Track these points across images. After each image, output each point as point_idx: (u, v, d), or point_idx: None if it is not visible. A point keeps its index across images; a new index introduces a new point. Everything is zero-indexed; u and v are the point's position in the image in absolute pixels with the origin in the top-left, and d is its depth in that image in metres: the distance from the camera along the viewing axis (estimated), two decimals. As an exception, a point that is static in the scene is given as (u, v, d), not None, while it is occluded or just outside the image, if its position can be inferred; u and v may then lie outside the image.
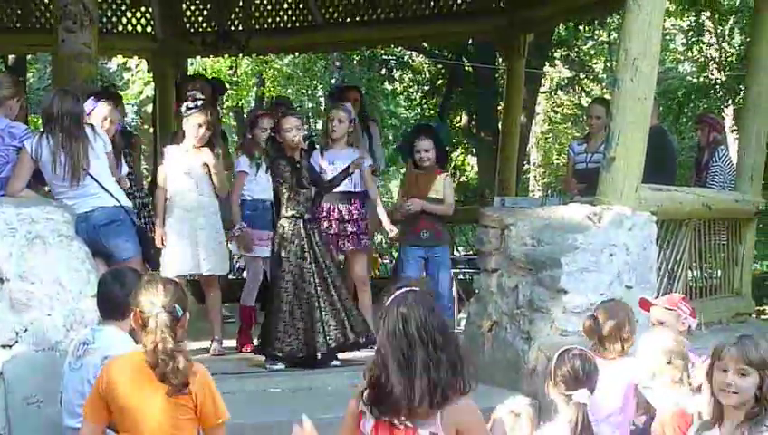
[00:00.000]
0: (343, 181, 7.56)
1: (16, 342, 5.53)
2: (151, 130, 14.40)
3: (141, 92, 21.39)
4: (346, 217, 7.80)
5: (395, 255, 12.49)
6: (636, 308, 5.52)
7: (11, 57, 16.38)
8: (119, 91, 12.05)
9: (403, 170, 24.33)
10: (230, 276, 10.15)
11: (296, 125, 7.18)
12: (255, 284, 7.93)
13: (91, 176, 6.19)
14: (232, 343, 7.76)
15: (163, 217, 7.38)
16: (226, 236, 7.73)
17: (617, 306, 5.28)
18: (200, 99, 7.41)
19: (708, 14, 21.82)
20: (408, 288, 3.59)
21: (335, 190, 7.65)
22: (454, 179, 24.66)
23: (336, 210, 7.73)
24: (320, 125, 8.02)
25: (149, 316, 3.94)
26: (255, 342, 7.44)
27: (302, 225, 7.06)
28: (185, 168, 7.37)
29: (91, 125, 6.39)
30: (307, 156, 7.54)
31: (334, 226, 7.71)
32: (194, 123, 7.34)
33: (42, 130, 6.30)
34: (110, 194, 6.28)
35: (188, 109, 7.36)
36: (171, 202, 7.37)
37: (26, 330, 5.53)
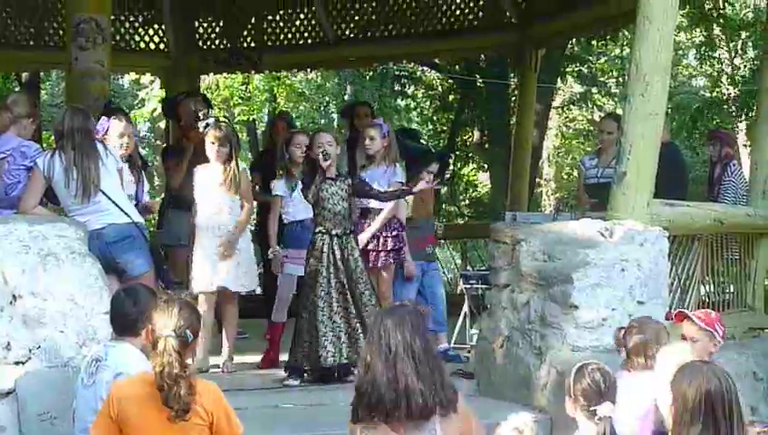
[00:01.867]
0: (397, 197, 7.51)
1: (29, 358, 5.55)
2: (164, 145, 14.45)
3: (155, 110, 21.48)
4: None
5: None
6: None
7: (24, 74, 16.50)
8: (121, 106, 12.07)
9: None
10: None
11: (327, 141, 7.14)
12: (284, 301, 7.85)
13: (103, 192, 6.21)
14: (246, 358, 7.77)
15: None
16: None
17: (649, 323, 5.26)
18: (210, 117, 7.44)
19: (719, 28, 21.80)
20: (399, 304, 3.75)
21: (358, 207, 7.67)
22: (466, 195, 24.83)
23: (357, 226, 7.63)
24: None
25: (159, 338, 3.96)
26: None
27: (327, 240, 7.03)
28: (205, 186, 7.42)
29: (103, 142, 6.42)
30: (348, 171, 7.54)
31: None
32: (207, 142, 7.40)
33: (54, 147, 6.34)
34: (122, 210, 6.30)
35: (205, 127, 7.41)
36: (196, 221, 7.44)
37: (39, 347, 5.55)
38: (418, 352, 3.66)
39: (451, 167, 19.58)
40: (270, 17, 13.07)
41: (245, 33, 13.14)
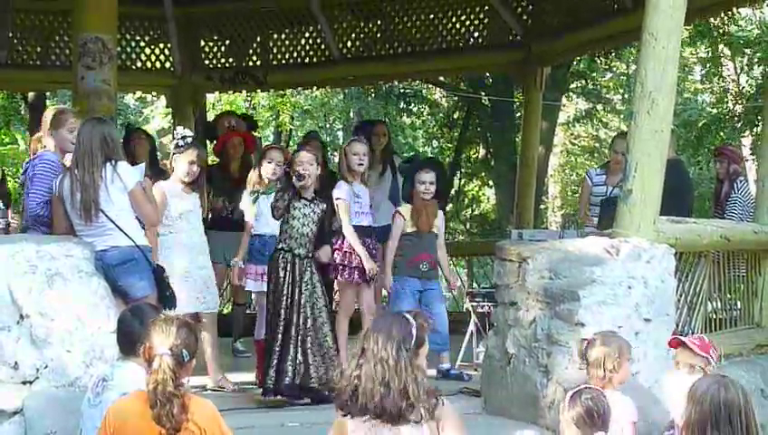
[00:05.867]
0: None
1: (37, 378, 5.56)
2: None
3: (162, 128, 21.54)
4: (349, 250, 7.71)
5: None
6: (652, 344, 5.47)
7: (30, 94, 16.55)
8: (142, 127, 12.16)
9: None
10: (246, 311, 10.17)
11: (308, 160, 7.16)
12: (262, 318, 7.84)
13: (105, 214, 6.20)
14: (250, 377, 7.77)
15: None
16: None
17: (613, 337, 5.35)
18: (190, 136, 7.44)
19: (723, 45, 21.84)
20: (393, 314, 3.90)
21: (355, 224, 7.68)
22: (470, 211, 24.81)
23: (347, 243, 7.64)
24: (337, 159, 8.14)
25: (155, 355, 3.97)
26: None
27: (289, 259, 7.04)
28: (179, 207, 7.36)
29: (114, 164, 6.33)
30: (324, 193, 7.52)
31: (338, 257, 7.62)
32: (185, 160, 7.35)
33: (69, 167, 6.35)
34: (124, 233, 6.27)
35: (178, 146, 7.37)
36: (168, 241, 7.31)
37: (46, 366, 5.56)
38: (387, 361, 3.80)
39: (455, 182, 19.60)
40: (275, 36, 13.11)
41: (251, 51, 13.17)
